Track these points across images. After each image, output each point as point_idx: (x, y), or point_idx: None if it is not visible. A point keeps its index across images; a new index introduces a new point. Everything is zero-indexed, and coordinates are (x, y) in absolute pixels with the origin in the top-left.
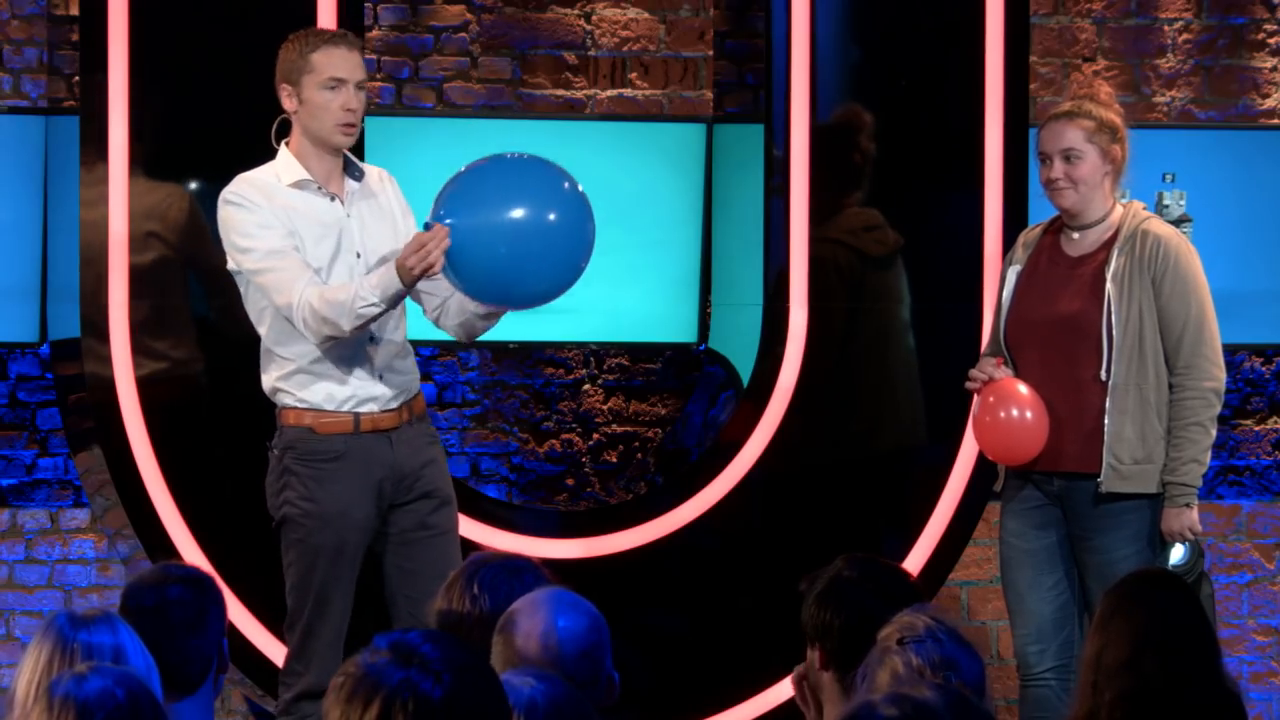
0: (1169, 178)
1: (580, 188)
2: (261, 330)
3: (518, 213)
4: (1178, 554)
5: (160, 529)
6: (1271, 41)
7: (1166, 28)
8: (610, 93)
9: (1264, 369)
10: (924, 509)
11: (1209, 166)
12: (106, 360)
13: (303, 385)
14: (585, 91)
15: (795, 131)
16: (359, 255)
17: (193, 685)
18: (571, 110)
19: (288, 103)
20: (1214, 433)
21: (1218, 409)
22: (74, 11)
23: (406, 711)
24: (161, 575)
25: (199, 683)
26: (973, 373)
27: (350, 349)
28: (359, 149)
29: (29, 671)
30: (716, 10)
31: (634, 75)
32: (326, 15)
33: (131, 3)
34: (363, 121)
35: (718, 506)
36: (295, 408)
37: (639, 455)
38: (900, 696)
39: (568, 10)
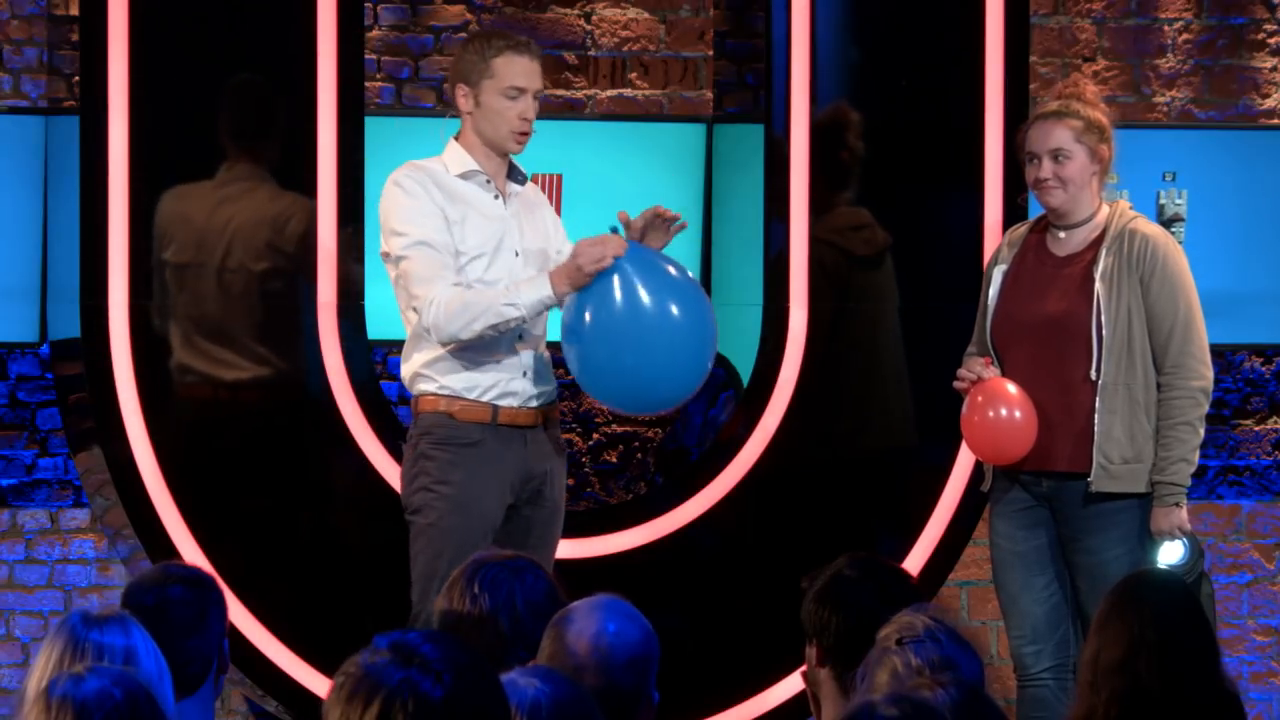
0: (1169, 177)
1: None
2: (412, 317)
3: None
4: (1177, 554)
5: (160, 529)
6: (1271, 41)
7: (1166, 28)
8: (610, 93)
9: (1264, 369)
10: (924, 508)
11: (1209, 166)
12: (106, 360)
13: (446, 371)
14: (585, 91)
15: (795, 131)
16: (517, 254)
17: (193, 685)
18: (571, 110)
19: (463, 102)
20: (1202, 432)
21: (1205, 408)
22: (74, 11)
23: (406, 711)
24: (162, 575)
25: (199, 683)
26: (960, 372)
27: (499, 343)
28: (362, 148)
29: (40, 670)
30: (716, 10)
31: (634, 75)
32: (326, 15)
33: (131, 3)
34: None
35: (718, 506)
36: (435, 394)
37: (639, 455)
38: (901, 697)
39: (568, 10)
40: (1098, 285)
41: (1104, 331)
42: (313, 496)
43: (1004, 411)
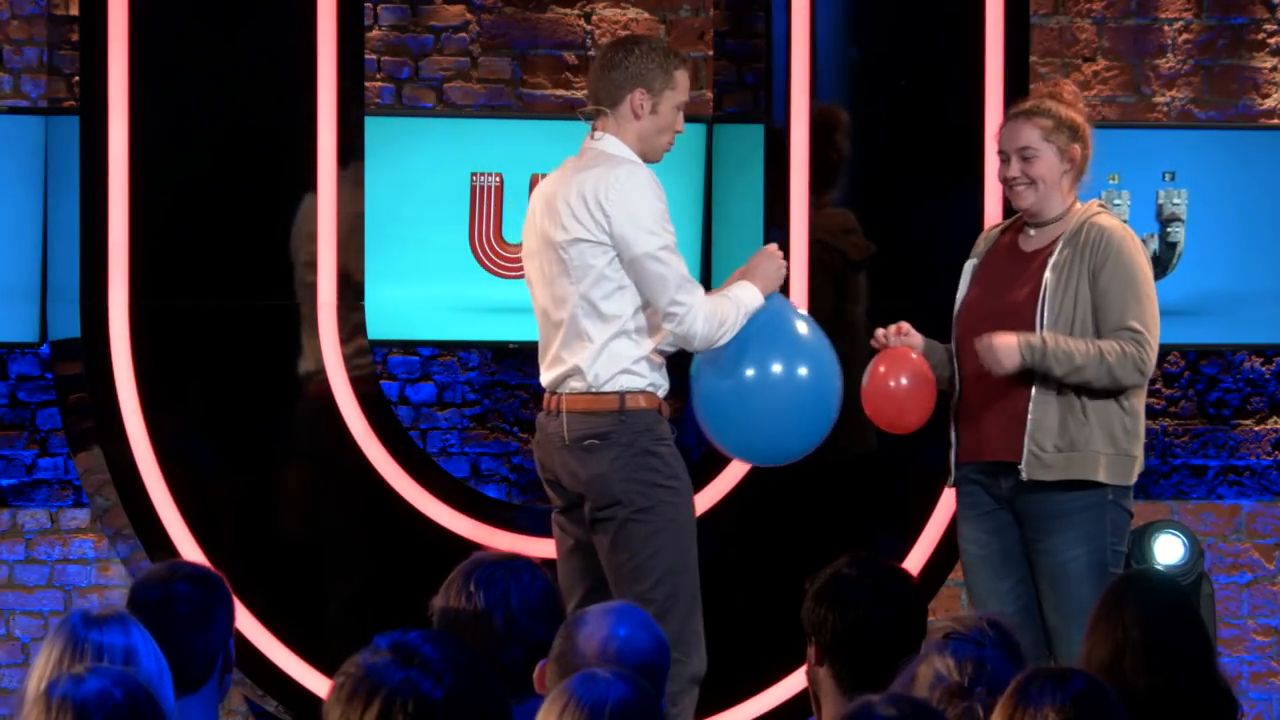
0: (1169, 177)
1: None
2: (617, 311)
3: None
4: (1176, 554)
5: (160, 529)
6: (1271, 41)
7: (1166, 28)
8: None
9: (1264, 369)
10: (924, 509)
11: (1209, 166)
12: (106, 360)
13: (651, 370)
14: (585, 91)
15: (795, 131)
16: None
17: (196, 683)
18: (571, 110)
19: (639, 105)
20: (1110, 384)
21: (1135, 381)
22: (74, 11)
23: (407, 712)
24: (169, 572)
25: (202, 681)
26: (877, 331)
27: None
28: (362, 148)
29: (40, 670)
30: (716, 10)
31: None
32: (326, 15)
33: (131, 3)
34: None
35: (718, 506)
36: (646, 391)
37: None
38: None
39: (568, 10)
40: (1047, 274)
41: (1045, 319)
42: (313, 497)
43: (892, 380)
